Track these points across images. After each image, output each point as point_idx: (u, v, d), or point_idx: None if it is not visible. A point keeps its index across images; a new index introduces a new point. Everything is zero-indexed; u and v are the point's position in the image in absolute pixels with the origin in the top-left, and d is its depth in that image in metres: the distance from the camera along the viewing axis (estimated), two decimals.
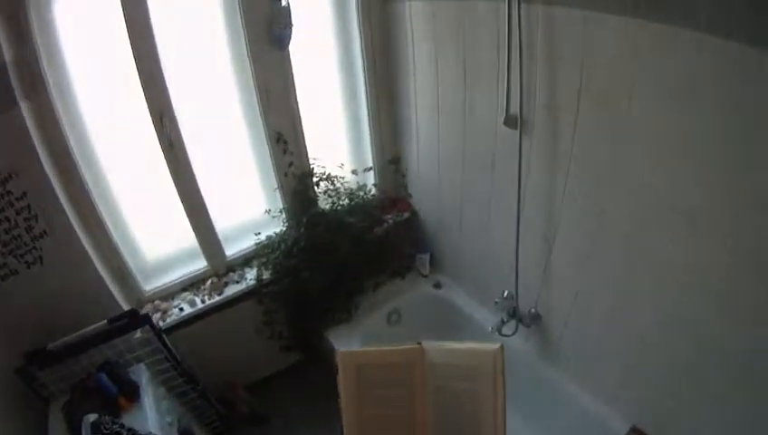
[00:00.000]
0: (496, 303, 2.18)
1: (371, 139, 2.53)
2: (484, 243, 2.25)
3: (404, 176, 2.62)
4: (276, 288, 2.30)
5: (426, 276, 2.66)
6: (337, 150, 2.51)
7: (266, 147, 2.28)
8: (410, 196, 2.64)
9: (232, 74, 2.09)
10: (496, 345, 0.92)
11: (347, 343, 2.34)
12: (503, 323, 2.15)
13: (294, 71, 2.18)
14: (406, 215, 2.61)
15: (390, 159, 2.61)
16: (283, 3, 1.97)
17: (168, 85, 1.91)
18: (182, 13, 1.90)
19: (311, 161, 2.37)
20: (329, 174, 2.38)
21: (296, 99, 2.24)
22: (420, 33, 2.09)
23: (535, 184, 1.83)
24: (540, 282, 2.00)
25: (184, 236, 2.28)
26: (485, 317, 2.34)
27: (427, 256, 2.62)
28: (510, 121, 1.76)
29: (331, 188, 2.39)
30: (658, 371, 1.65)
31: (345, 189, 2.43)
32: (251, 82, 2.11)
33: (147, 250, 2.25)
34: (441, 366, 0.96)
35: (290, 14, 2.00)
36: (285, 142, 2.26)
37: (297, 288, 2.27)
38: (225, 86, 2.11)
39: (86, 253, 1.88)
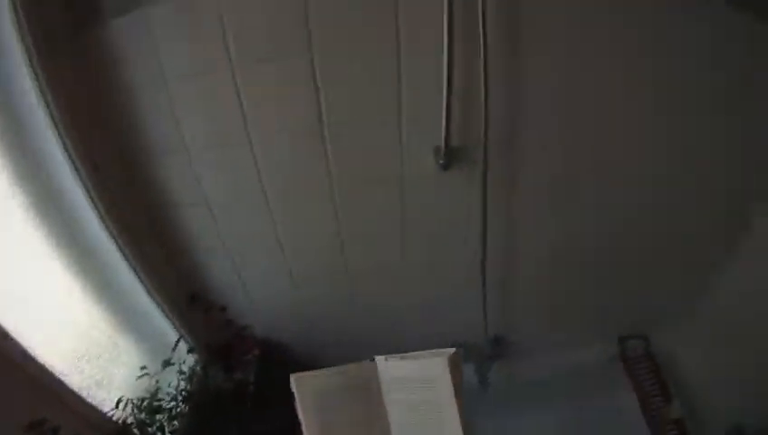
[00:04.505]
0: None
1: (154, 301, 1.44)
2: None
3: (223, 310, 1.66)
4: None
5: None
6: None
7: None
8: (251, 327, 1.73)
9: None
10: (450, 351, 0.92)
11: None
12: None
13: None
14: (255, 353, 1.69)
15: (192, 295, 1.58)
16: None
17: None
18: None
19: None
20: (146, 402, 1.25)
21: None
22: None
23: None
24: None
25: None
26: None
27: None
28: (452, 157, 1.25)
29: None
30: None
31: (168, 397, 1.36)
32: None
33: None
34: (397, 380, 0.96)
35: None
36: None
37: None
38: None
39: None
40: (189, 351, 1.57)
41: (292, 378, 0.95)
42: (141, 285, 1.41)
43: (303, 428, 0.95)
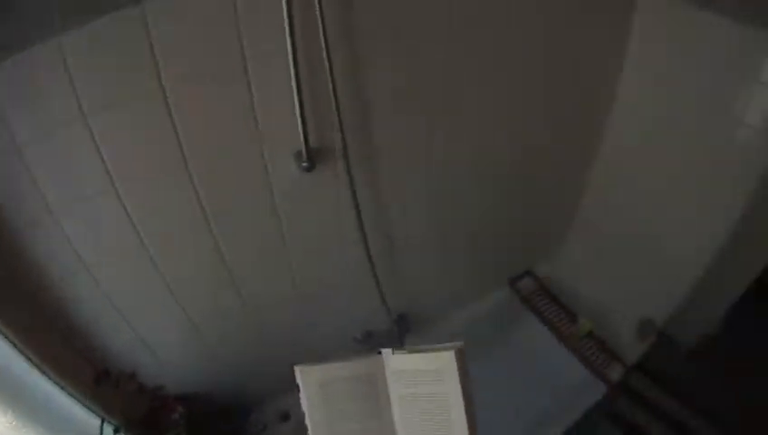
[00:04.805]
0: None
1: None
2: None
3: (133, 376, 1.54)
4: None
5: None
6: None
7: None
8: (163, 387, 1.62)
9: None
10: (458, 344, 0.92)
11: None
12: None
13: None
14: (179, 411, 1.60)
15: (97, 371, 1.44)
16: None
17: None
18: None
19: None
20: None
21: None
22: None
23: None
24: None
25: None
26: None
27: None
28: (314, 158, 1.30)
29: None
30: None
31: None
32: None
33: None
34: (403, 373, 0.95)
35: None
36: None
37: None
38: None
39: None
40: (116, 431, 1.44)
41: (297, 369, 0.94)
42: (44, 376, 1.28)
43: (307, 421, 0.96)
